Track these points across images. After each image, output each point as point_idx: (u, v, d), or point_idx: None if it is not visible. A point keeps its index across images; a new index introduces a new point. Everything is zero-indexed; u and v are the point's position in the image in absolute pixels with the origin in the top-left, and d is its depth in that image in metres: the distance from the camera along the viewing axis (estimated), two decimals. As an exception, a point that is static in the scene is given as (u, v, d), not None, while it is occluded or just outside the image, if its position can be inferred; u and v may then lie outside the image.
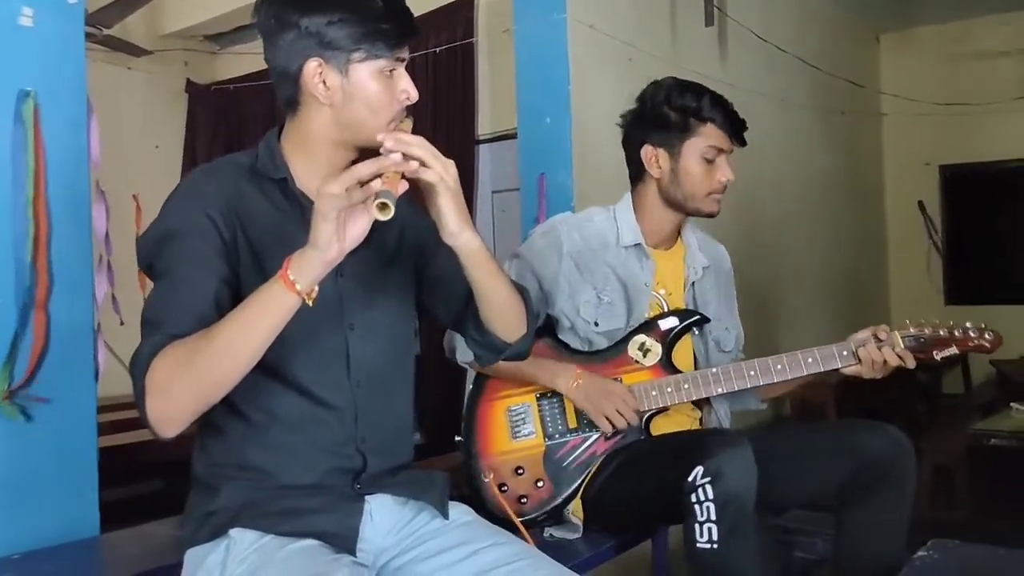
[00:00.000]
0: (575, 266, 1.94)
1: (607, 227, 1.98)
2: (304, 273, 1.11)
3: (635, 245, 1.96)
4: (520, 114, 3.58)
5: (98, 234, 2.07)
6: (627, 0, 3.83)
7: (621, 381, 1.88)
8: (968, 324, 1.88)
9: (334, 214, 1.09)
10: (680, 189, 1.92)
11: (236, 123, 5.76)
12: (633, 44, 3.75)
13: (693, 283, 2.01)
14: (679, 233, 2.05)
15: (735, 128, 1.93)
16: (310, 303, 1.13)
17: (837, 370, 1.86)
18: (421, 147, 1.18)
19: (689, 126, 1.90)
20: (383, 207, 1.08)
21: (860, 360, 1.83)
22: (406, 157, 1.16)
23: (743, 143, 1.97)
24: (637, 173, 2.00)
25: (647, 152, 1.94)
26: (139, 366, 1.15)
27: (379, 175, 1.11)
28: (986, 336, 1.87)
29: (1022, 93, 6.17)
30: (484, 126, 4.68)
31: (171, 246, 1.23)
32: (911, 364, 1.83)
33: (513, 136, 3.83)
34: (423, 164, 1.17)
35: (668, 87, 1.94)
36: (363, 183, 1.10)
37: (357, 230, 1.13)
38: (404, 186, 1.15)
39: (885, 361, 1.82)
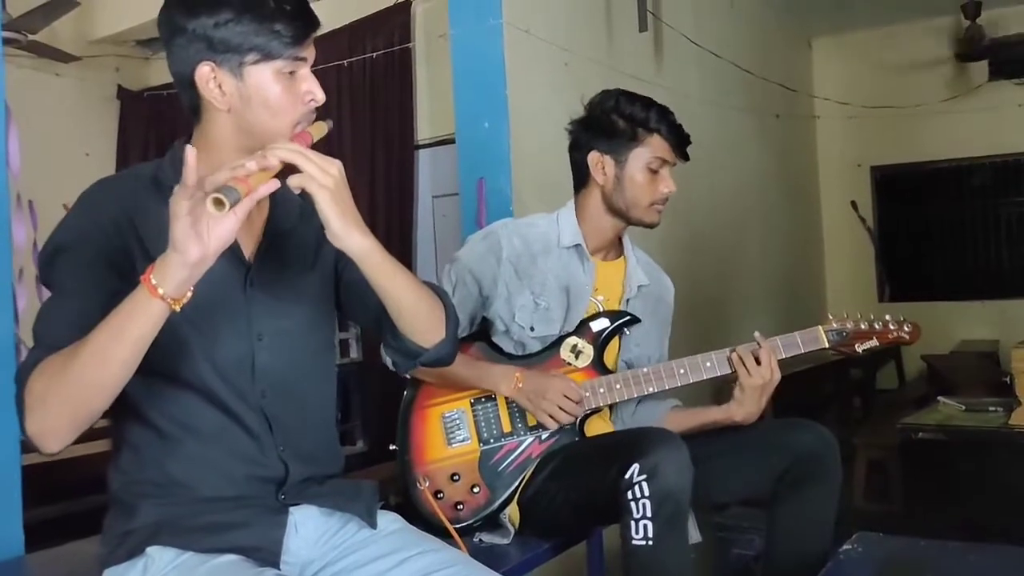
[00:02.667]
0: (514, 271, 1.95)
1: (549, 230, 2.00)
2: (167, 277, 1.05)
3: (575, 246, 1.98)
4: (458, 119, 3.58)
5: (19, 244, 2.01)
6: (563, 6, 3.85)
7: None
8: (887, 317, 1.96)
9: (184, 211, 1.03)
10: (623, 197, 1.95)
11: (169, 130, 5.63)
12: (569, 49, 3.77)
13: (628, 299, 2.03)
14: (621, 246, 2.07)
15: (680, 141, 1.97)
16: (177, 308, 1.08)
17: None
18: (288, 150, 1.14)
19: (637, 135, 1.93)
20: (217, 203, 1.03)
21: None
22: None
23: (686, 158, 2.00)
24: (581, 179, 2.02)
25: (594, 158, 1.96)
26: (19, 381, 1.12)
27: (237, 175, 1.06)
28: (905, 328, 1.95)
29: (949, 96, 6.37)
30: (423, 131, 4.67)
31: (61, 259, 1.20)
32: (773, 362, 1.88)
33: (452, 141, 3.82)
34: (294, 168, 1.14)
35: (617, 96, 1.97)
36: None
37: (222, 231, 1.06)
38: (272, 185, 1.10)
39: (757, 358, 1.87)
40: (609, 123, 1.95)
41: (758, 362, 1.87)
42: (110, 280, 1.18)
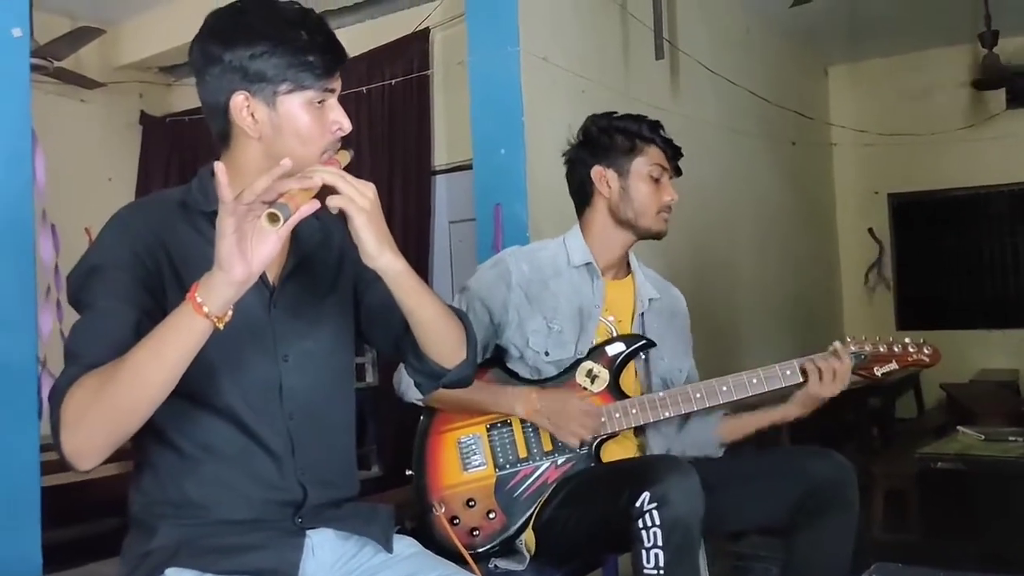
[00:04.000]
0: (525, 296, 1.96)
1: (558, 252, 2.02)
2: (212, 295, 1.08)
3: (585, 264, 2.00)
4: (475, 145, 3.61)
5: (45, 266, 2.04)
6: (580, 33, 3.89)
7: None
8: (907, 340, 1.95)
9: (231, 230, 1.06)
10: (631, 206, 1.98)
11: (190, 155, 5.71)
12: (586, 76, 3.81)
13: (642, 314, 2.04)
14: (629, 264, 2.09)
15: (674, 152, 2.03)
16: (220, 326, 1.10)
17: (781, 390, 1.92)
18: (330, 173, 1.17)
19: (635, 146, 1.98)
20: (272, 218, 1.06)
21: (807, 376, 1.88)
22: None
23: (679, 171, 2.05)
24: (584, 198, 2.05)
25: (597, 172, 2.00)
26: (55, 399, 1.13)
27: (281, 192, 1.09)
28: (924, 351, 1.94)
29: (966, 123, 6.37)
30: (440, 157, 4.70)
31: (93, 280, 1.22)
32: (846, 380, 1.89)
33: (469, 167, 3.85)
34: (333, 190, 1.16)
35: (608, 115, 2.04)
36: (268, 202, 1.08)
37: (264, 249, 1.09)
38: (314, 205, 1.12)
39: (835, 372, 1.86)
40: (607, 139, 2.00)
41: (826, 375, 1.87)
42: (143, 300, 1.21)
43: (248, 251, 1.07)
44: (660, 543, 1.56)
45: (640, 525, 1.58)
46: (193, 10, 1.33)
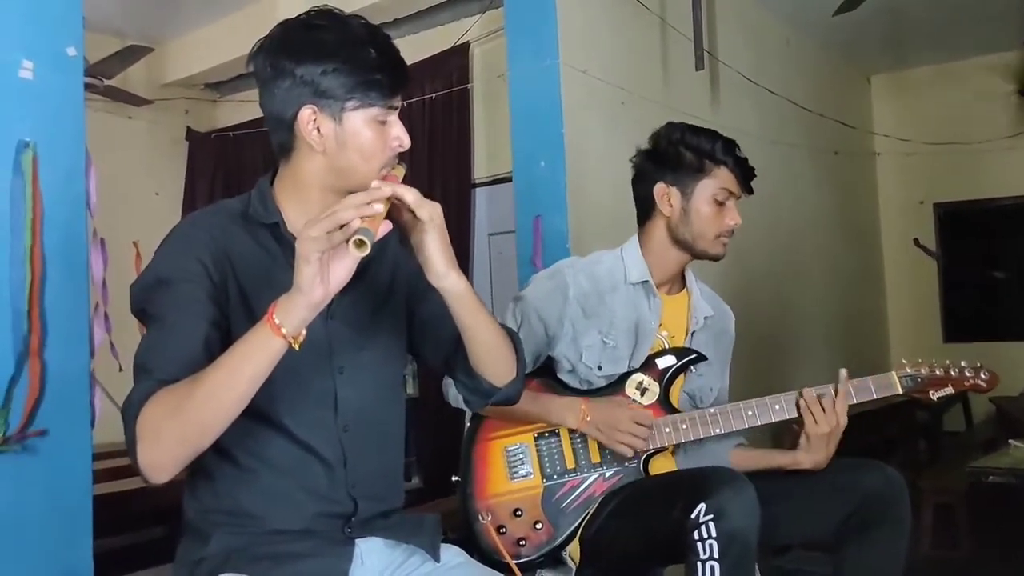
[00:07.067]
0: (581, 311, 1.94)
1: (615, 266, 2.00)
2: (290, 316, 1.10)
3: (643, 283, 1.97)
4: (515, 158, 3.62)
5: (95, 280, 2.08)
6: (619, 45, 3.89)
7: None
8: (963, 363, 1.90)
9: (316, 256, 1.09)
10: (690, 228, 1.94)
11: (235, 169, 5.82)
12: (625, 88, 3.81)
13: (694, 332, 2.01)
14: (684, 279, 2.06)
15: (745, 174, 1.97)
16: (296, 347, 1.12)
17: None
18: (407, 190, 1.21)
19: (703, 167, 1.93)
20: (360, 244, 1.09)
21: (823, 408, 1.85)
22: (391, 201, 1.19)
23: (751, 191, 2.00)
24: (646, 211, 2.02)
25: (660, 189, 1.96)
26: (130, 413, 1.15)
27: (359, 216, 1.12)
28: (982, 376, 1.89)
29: (1013, 132, 6.25)
30: (480, 170, 4.73)
31: (161, 292, 1.24)
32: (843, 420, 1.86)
33: (509, 179, 3.86)
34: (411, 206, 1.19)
35: (683, 128, 1.98)
36: (343, 225, 1.10)
37: (341, 272, 1.12)
38: (387, 226, 1.15)
39: (824, 410, 1.84)
40: (676, 154, 1.95)
41: (824, 409, 1.83)
42: (210, 313, 1.23)
43: (327, 275, 1.11)
44: (717, 555, 1.54)
45: (696, 537, 1.55)
46: (238, 28, 1.36)
